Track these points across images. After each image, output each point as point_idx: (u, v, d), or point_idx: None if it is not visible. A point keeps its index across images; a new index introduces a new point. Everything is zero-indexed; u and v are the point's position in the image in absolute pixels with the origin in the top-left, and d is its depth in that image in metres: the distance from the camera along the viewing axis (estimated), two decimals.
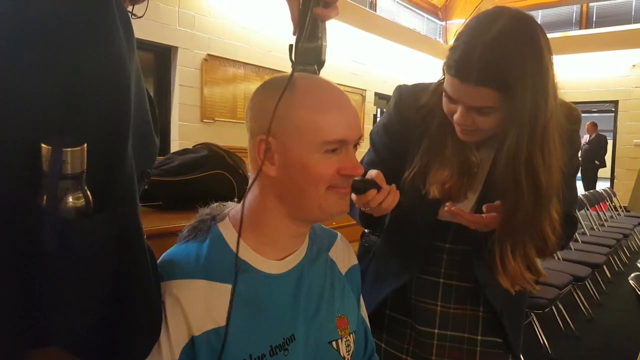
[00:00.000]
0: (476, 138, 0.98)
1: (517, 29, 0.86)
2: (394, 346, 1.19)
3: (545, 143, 0.90)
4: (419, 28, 11.31)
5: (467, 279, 1.10)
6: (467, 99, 0.89)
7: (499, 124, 0.91)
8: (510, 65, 0.84)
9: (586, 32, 10.53)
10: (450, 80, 0.91)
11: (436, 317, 1.12)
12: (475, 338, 1.12)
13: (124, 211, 0.59)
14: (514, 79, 0.84)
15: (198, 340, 0.71)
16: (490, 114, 0.90)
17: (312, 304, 0.83)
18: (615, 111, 10.25)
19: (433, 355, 1.12)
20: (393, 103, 1.13)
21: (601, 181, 10.60)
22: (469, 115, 0.91)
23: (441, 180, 1.01)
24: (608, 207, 6.48)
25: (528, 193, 0.90)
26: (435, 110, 1.02)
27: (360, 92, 9.25)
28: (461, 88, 0.89)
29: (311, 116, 0.74)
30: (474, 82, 0.86)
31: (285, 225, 0.80)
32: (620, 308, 3.99)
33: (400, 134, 1.10)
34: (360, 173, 0.79)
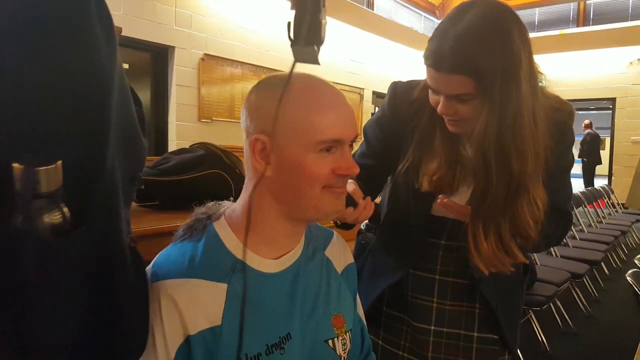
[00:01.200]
0: (463, 129, 0.99)
1: (487, 17, 0.89)
2: (391, 343, 1.20)
3: (518, 128, 0.90)
4: (416, 26, 11.31)
5: (463, 276, 1.11)
6: (444, 87, 0.93)
7: (479, 112, 0.92)
8: (478, 52, 0.87)
9: (583, 30, 10.53)
10: (428, 70, 0.95)
11: (432, 314, 1.13)
12: (472, 335, 1.13)
13: (103, 226, 0.57)
14: (483, 65, 0.87)
15: (193, 340, 0.71)
16: (469, 102, 0.92)
17: (308, 303, 0.83)
18: (613, 108, 10.26)
19: (429, 352, 1.13)
20: (387, 98, 1.15)
21: (599, 178, 10.62)
22: (450, 104, 0.94)
23: (430, 172, 1.03)
24: (606, 204, 6.49)
25: (498, 176, 0.92)
26: (425, 104, 1.04)
27: (358, 90, 9.25)
28: (437, 77, 0.92)
29: (306, 115, 0.74)
30: (448, 70, 0.89)
31: (281, 224, 0.80)
32: (619, 305, 4.00)
33: (393, 129, 1.12)
34: (355, 173, 0.78)
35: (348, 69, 8.89)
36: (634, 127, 9.92)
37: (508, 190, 0.93)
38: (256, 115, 0.76)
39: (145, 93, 6.16)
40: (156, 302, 0.71)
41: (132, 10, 5.59)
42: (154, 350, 0.70)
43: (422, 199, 1.08)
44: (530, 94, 0.91)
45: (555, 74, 10.15)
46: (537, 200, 0.97)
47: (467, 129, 0.99)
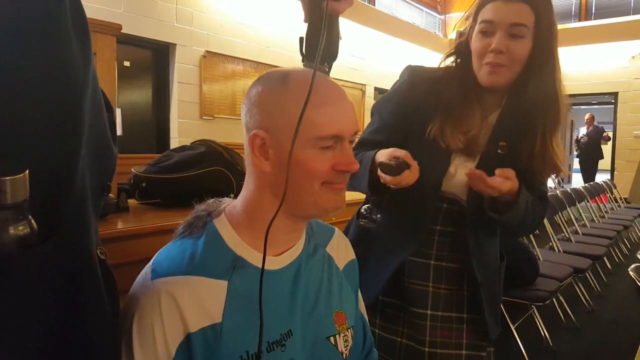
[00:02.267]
0: (503, 78, 1.09)
1: None
2: (389, 330, 1.22)
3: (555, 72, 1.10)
4: (418, 22, 11.28)
5: (455, 260, 1.18)
6: (508, 15, 1.05)
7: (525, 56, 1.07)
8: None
9: (585, 24, 10.49)
10: (492, 5, 1.07)
11: (428, 298, 1.19)
12: (462, 316, 1.20)
13: (72, 238, 0.55)
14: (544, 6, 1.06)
15: (194, 337, 0.71)
16: (522, 39, 1.06)
17: (310, 300, 0.83)
18: (615, 103, 10.23)
19: (427, 336, 1.18)
20: (407, 76, 1.21)
21: (601, 173, 10.59)
22: (504, 40, 1.06)
23: (465, 129, 1.12)
24: (608, 198, 6.47)
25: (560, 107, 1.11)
26: (453, 76, 1.15)
27: (360, 86, 9.24)
28: (504, 7, 1.06)
29: (305, 112, 0.73)
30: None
31: (281, 221, 0.79)
32: (621, 299, 3.99)
33: (413, 102, 1.17)
34: (355, 169, 0.78)
35: (350, 65, 8.87)
36: (636, 122, 9.89)
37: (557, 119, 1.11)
38: (256, 111, 0.75)
39: (147, 90, 6.16)
40: (156, 299, 0.71)
41: (133, 7, 5.59)
42: (154, 348, 0.70)
43: (435, 171, 1.15)
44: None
45: None
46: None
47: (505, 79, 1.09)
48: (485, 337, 1.22)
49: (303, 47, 0.76)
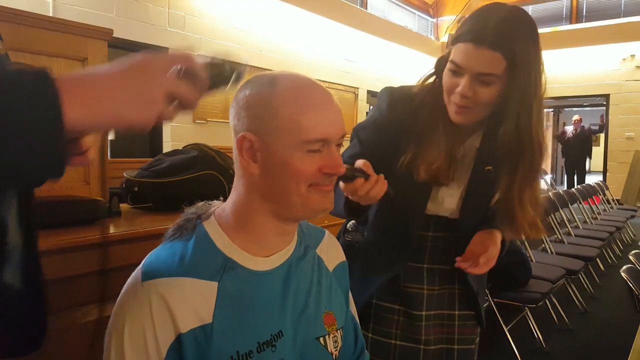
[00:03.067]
0: (469, 119, 1.05)
1: (524, 15, 1.01)
2: (382, 333, 1.23)
3: (542, 117, 1.03)
4: (410, 25, 11.32)
5: (447, 262, 1.18)
6: (476, 63, 0.98)
7: (494, 100, 1.01)
8: (518, 37, 0.97)
9: (576, 27, 10.57)
10: (463, 47, 1.00)
11: (423, 300, 1.20)
12: (454, 313, 1.23)
13: None
14: (520, 50, 0.96)
15: (184, 338, 0.71)
16: (492, 85, 0.99)
17: (300, 301, 0.83)
18: (607, 105, 10.30)
19: (422, 336, 1.20)
20: (386, 100, 1.18)
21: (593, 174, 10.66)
22: (473, 85, 1.00)
23: (429, 161, 1.08)
24: (601, 200, 6.51)
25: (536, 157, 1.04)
26: (425, 100, 1.10)
27: (353, 90, 9.25)
28: (473, 52, 0.98)
29: (292, 115, 0.73)
30: (488, 45, 0.96)
31: (271, 223, 0.80)
32: (614, 301, 4.02)
33: (392, 129, 1.15)
34: (342, 172, 0.79)
35: (342, 68, 8.89)
36: (628, 123, 9.96)
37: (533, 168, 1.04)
38: (244, 114, 0.76)
39: None
40: (147, 301, 0.71)
41: (125, 11, 5.58)
42: (145, 349, 0.70)
43: (418, 197, 1.14)
44: (543, 88, 1.03)
45: (549, 71, 10.12)
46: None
47: (471, 119, 1.05)
48: (475, 331, 1.26)
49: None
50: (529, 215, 1.06)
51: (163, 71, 0.54)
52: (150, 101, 0.52)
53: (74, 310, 1.16)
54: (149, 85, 0.52)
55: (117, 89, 0.49)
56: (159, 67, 0.54)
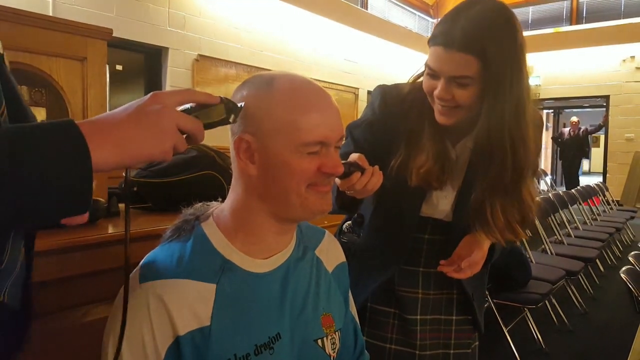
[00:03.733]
0: (453, 119, 1.02)
1: (496, 10, 0.96)
2: (377, 337, 1.22)
3: (522, 116, 0.98)
4: (410, 26, 11.32)
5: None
6: (448, 67, 0.96)
7: (475, 99, 0.98)
8: (488, 36, 0.93)
9: (577, 28, 10.57)
10: (434, 50, 0.98)
11: (418, 304, 1.19)
12: (451, 318, 1.21)
13: None
14: (492, 48, 0.93)
15: (183, 340, 0.70)
16: (468, 87, 0.96)
17: (298, 303, 0.83)
18: (607, 106, 10.30)
19: (417, 340, 1.18)
20: (378, 99, 1.16)
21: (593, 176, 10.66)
22: (449, 88, 0.97)
23: (418, 165, 1.06)
24: (601, 201, 6.51)
25: (504, 161, 0.99)
26: (415, 102, 1.08)
27: (353, 90, 9.25)
28: (444, 56, 0.95)
29: (290, 117, 0.73)
30: (457, 47, 0.93)
31: (269, 224, 0.79)
32: (614, 302, 4.01)
33: (384, 129, 1.13)
34: (340, 172, 0.79)
35: (342, 69, 8.89)
36: (627, 124, 9.96)
37: (514, 172, 0.99)
38: (241, 115, 0.75)
39: (139, 94, 6.11)
40: (145, 302, 0.71)
41: (125, 11, 5.57)
42: (144, 351, 0.70)
43: (412, 199, 1.12)
44: (527, 88, 0.99)
45: (549, 72, 10.19)
46: (531, 186, 1.05)
47: (456, 119, 1.02)
48: (471, 335, 1.25)
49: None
50: (499, 222, 1.02)
51: (172, 106, 0.59)
52: (165, 135, 0.57)
53: (73, 311, 1.15)
54: (161, 120, 0.57)
55: (132, 129, 0.55)
56: (166, 100, 0.59)
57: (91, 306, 1.17)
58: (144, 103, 0.58)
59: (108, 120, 0.55)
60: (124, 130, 0.54)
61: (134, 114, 0.56)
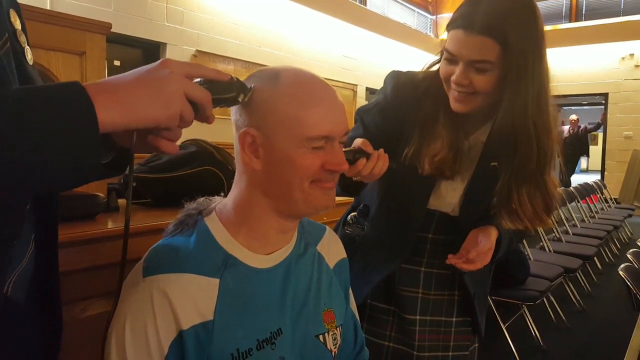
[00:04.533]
0: (469, 106, 1.01)
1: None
2: (376, 334, 1.21)
3: (544, 104, 0.98)
4: (409, 22, 11.30)
5: (446, 267, 1.14)
6: (468, 50, 0.95)
7: (493, 86, 0.97)
8: (510, 19, 0.92)
9: (576, 25, 10.57)
10: (454, 33, 0.96)
11: (417, 304, 1.17)
12: (451, 320, 1.20)
13: None
14: (514, 33, 0.92)
15: (186, 335, 0.70)
16: (487, 72, 0.95)
17: (299, 298, 0.83)
18: (606, 103, 10.31)
19: (416, 341, 1.17)
20: (391, 84, 1.15)
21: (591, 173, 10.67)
22: (467, 73, 0.96)
23: (432, 153, 1.05)
24: (599, 199, 6.52)
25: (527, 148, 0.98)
26: (429, 89, 1.07)
27: (352, 86, 9.25)
28: (464, 39, 0.94)
29: (295, 111, 0.73)
30: (477, 31, 0.92)
31: (272, 219, 0.79)
32: (611, 299, 4.03)
33: (395, 115, 1.12)
34: (345, 169, 0.79)
35: (341, 65, 8.88)
36: (626, 122, 9.97)
37: (538, 160, 0.99)
38: (246, 109, 0.75)
39: None
40: (148, 297, 0.70)
41: (123, 6, 5.55)
42: (147, 345, 0.70)
43: (421, 189, 1.11)
44: (548, 76, 0.99)
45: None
46: (552, 175, 1.04)
47: (472, 107, 1.01)
48: (470, 337, 1.23)
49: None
50: (527, 210, 1.01)
51: (180, 73, 0.58)
52: (172, 99, 0.56)
53: (72, 305, 1.15)
54: (169, 84, 0.56)
55: (139, 90, 0.54)
56: (175, 68, 0.58)
57: (90, 301, 1.17)
58: (152, 68, 0.57)
59: (115, 82, 0.54)
60: (131, 91, 0.54)
61: (141, 77, 0.56)
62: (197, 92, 0.60)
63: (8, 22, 0.58)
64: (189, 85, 0.59)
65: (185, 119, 0.59)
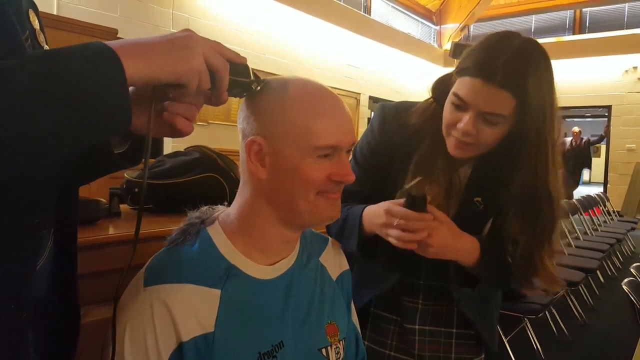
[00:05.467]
0: (469, 154, 0.99)
1: (536, 47, 0.92)
2: (377, 342, 1.21)
3: (557, 163, 0.97)
4: (413, 32, 11.35)
5: (445, 279, 1.12)
6: (484, 101, 0.90)
7: (498, 140, 0.95)
8: (530, 74, 0.88)
9: (579, 37, 10.60)
10: (469, 81, 0.91)
11: (417, 314, 1.16)
12: (451, 331, 1.17)
13: None
14: (533, 89, 0.88)
15: (186, 347, 0.69)
16: (498, 125, 0.92)
17: (302, 311, 0.82)
18: (609, 116, 10.31)
19: (416, 350, 1.16)
20: (377, 123, 1.14)
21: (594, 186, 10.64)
22: (477, 123, 0.92)
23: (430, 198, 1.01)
24: (601, 211, 6.50)
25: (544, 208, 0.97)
26: (424, 129, 1.05)
27: (355, 95, 9.26)
28: (481, 90, 0.90)
29: (303, 120, 0.73)
30: (498, 83, 0.88)
31: (276, 229, 0.78)
32: (614, 313, 4.00)
33: (383, 153, 1.11)
34: (351, 180, 0.77)
35: (345, 74, 8.90)
36: (629, 135, 9.97)
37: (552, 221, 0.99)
38: (254, 118, 0.75)
39: None
40: (148, 307, 0.70)
41: (130, 12, 5.58)
42: (147, 356, 0.69)
43: None
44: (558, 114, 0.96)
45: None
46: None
47: (471, 155, 0.99)
48: (474, 351, 1.21)
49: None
50: (548, 271, 1.01)
51: (201, 43, 0.59)
52: (193, 54, 0.57)
53: None
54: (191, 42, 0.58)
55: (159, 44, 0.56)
56: (198, 38, 0.59)
57: (91, 307, 1.16)
58: (174, 34, 0.58)
59: (135, 39, 0.56)
60: (152, 45, 0.55)
61: (161, 36, 0.57)
62: (217, 59, 0.60)
63: (27, 22, 0.59)
64: (209, 51, 0.59)
65: (203, 83, 0.58)
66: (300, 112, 0.73)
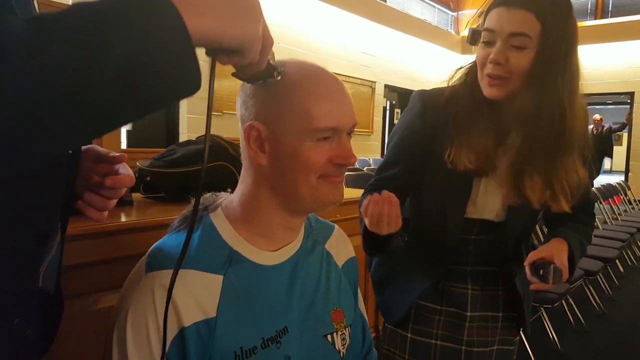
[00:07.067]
0: (503, 92, 1.02)
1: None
2: (423, 333, 1.21)
3: (575, 88, 1.03)
4: (430, 19, 11.20)
5: (492, 264, 1.18)
6: (509, 23, 0.98)
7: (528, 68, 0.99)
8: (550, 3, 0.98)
9: (601, 22, 10.35)
10: (494, 12, 1.01)
11: (468, 300, 1.19)
12: (497, 315, 1.21)
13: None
14: (552, 13, 0.97)
15: (187, 332, 0.70)
16: (525, 50, 0.98)
17: (307, 297, 0.81)
18: (631, 103, 10.08)
19: (464, 336, 1.18)
20: (418, 107, 1.15)
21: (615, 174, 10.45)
22: (504, 50, 0.99)
23: (477, 149, 1.05)
24: (622, 200, 6.38)
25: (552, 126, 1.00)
26: (462, 95, 1.09)
27: (370, 83, 9.20)
28: (505, 14, 0.98)
29: (302, 103, 0.72)
30: (519, 4, 0.97)
31: (279, 216, 0.78)
32: (633, 303, 3.94)
33: (426, 134, 1.12)
34: (353, 162, 0.76)
35: (360, 62, 8.84)
36: None
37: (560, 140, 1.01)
38: (251, 103, 0.74)
39: None
40: (150, 293, 0.70)
41: None
42: (148, 341, 0.69)
43: (457, 198, 1.12)
44: (579, 67, 1.05)
45: None
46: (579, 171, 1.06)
47: (505, 93, 1.02)
48: (515, 332, 1.25)
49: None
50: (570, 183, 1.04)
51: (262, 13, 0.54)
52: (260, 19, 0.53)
53: (84, 298, 1.16)
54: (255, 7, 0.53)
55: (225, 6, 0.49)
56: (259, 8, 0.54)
57: (101, 294, 1.17)
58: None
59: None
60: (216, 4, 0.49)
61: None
62: (268, 32, 0.57)
63: (34, 10, 0.58)
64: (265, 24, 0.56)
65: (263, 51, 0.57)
66: (298, 95, 0.72)
